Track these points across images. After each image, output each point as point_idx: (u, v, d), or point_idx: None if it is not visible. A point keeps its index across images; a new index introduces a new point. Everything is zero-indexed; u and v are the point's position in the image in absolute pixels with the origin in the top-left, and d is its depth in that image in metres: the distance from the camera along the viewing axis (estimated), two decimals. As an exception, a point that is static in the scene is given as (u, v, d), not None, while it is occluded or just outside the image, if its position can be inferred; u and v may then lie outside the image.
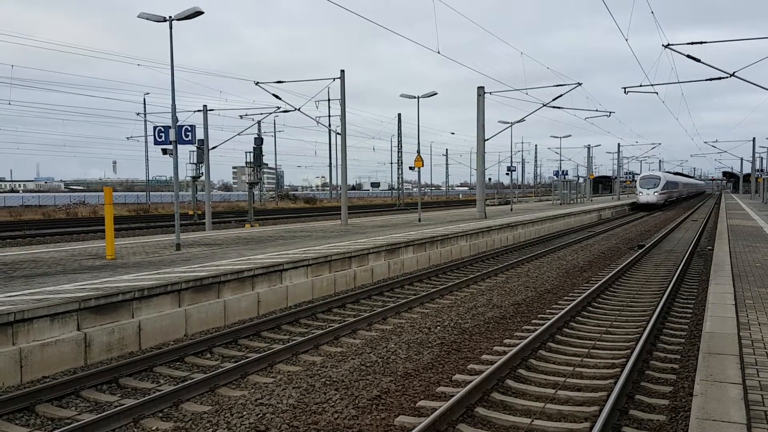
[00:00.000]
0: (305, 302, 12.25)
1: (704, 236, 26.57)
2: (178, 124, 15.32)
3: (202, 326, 10.00)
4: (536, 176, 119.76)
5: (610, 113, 35.30)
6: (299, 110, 26.31)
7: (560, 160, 64.95)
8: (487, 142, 28.79)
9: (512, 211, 37.35)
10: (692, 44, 19.16)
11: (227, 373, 7.47)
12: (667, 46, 19.38)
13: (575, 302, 11.27)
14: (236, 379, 7.49)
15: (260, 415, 6.37)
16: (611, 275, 14.61)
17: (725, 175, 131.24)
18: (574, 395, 6.90)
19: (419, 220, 27.11)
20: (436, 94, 28.91)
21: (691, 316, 10.83)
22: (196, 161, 43.82)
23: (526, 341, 8.55)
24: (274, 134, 78.61)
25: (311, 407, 6.59)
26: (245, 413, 6.40)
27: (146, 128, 55.93)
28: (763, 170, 69.47)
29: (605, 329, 9.98)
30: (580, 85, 27.07)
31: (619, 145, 72.38)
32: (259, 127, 55.69)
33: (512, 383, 7.29)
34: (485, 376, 7.04)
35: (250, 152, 34.61)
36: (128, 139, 57.72)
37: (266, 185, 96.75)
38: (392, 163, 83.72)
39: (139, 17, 15.03)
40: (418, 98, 28.45)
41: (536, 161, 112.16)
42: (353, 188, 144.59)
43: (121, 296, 8.82)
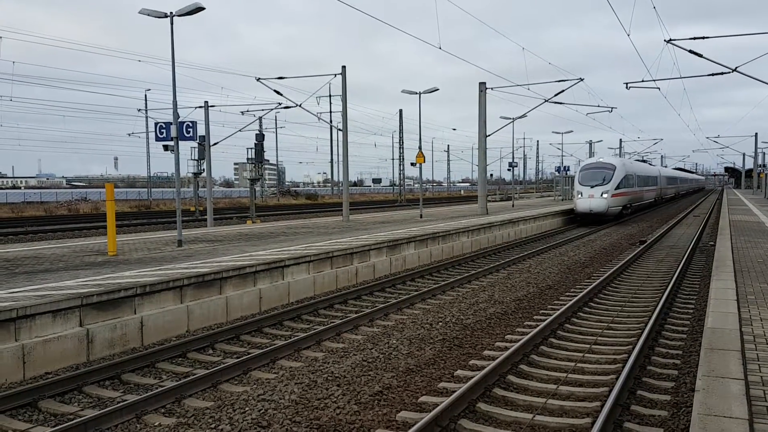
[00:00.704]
0: (307, 298, 12.26)
1: (706, 232, 26.54)
2: (179, 120, 15.32)
3: (204, 322, 10.02)
4: (538, 172, 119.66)
5: (611, 109, 35.24)
6: (300, 106, 26.31)
7: (562, 155, 64.90)
8: (488, 138, 28.77)
9: (513, 207, 37.33)
10: (694, 39, 19.10)
11: (229, 369, 7.48)
12: (669, 41, 19.33)
13: (577, 298, 11.27)
14: (238, 375, 7.50)
15: (262, 410, 6.38)
16: (613, 271, 14.61)
17: (727, 170, 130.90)
18: (576, 390, 6.91)
19: (420, 216, 27.10)
20: (437, 90, 28.86)
21: (693, 311, 10.82)
22: (197, 157, 43.79)
23: (527, 337, 8.56)
24: (275, 130, 78.56)
25: (313, 403, 6.60)
26: (247, 409, 6.41)
27: (147, 124, 56.00)
28: (765, 166, 69.04)
29: (607, 325, 9.97)
30: (581, 80, 27.02)
31: (620, 140, 72.13)
32: (260, 123, 55.59)
33: (514, 379, 7.30)
34: (487, 371, 7.05)
35: (251, 148, 34.61)
36: (130, 135, 57.84)
37: (268, 181, 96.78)
38: (394, 159, 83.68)
39: (140, 13, 15.01)
40: (419, 94, 28.41)
41: (538, 157, 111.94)
42: (355, 184, 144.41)
43: (123, 292, 8.83)
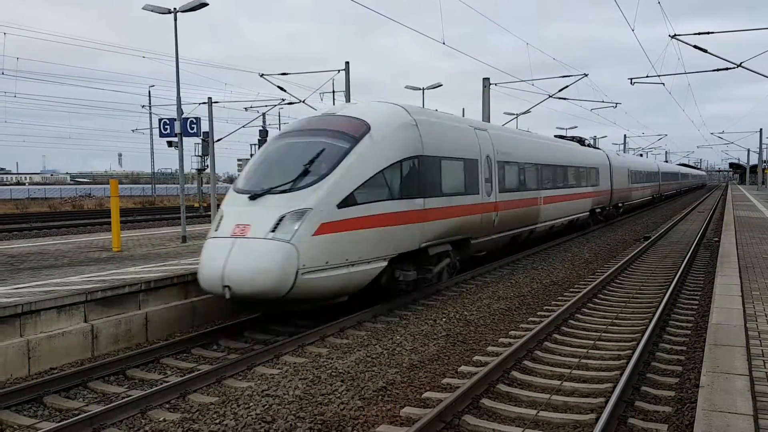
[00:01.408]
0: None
1: (710, 228, 26.47)
2: (183, 116, 15.33)
3: (208, 318, 10.04)
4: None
5: (616, 104, 35.13)
6: (304, 102, 26.28)
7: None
8: (492, 133, 28.70)
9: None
10: (699, 35, 19.04)
11: (234, 364, 7.50)
12: (673, 36, 19.27)
13: (581, 294, 11.26)
14: (243, 370, 7.52)
15: (267, 406, 6.39)
16: (617, 267, 14.59)
17: (732, 166, 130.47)
18: (579, 387, 6.90)
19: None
20: (441, 85, 28.85)
21: (697, 307, 10.80)
22: (201, 153, 43.85)
23: (531, 333, 8.56)
24: (279, 126, 78.51)
25: (317, 398, 6.61)
26: (252, 404, 6.43)
27: (151, 120, 56.00)
28: (770, 161, 68.67)
29: (611, 321, 9.97)
30: (586, 76, 26.93)
31: (625, 136, 71.98)
32: (264, 119, 55.42)
33: (518, 375, 7.30)
34: (491, 367, 7.05)
35: (255, 144, 34.71)
36: (134, 131, 58.02)
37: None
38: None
39: (144, 9, 15.01)
40: (423, 90, 28.39)
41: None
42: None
43: (128, 288, 8.85)
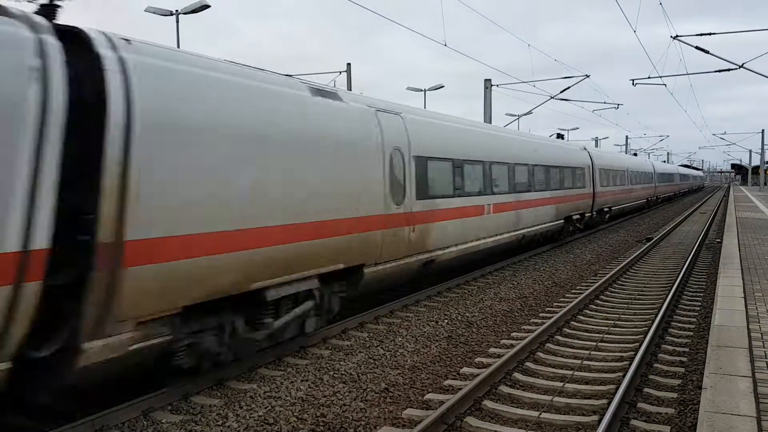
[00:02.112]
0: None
1: (713, 229, 26.44)
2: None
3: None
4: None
5: (618, 105, 35.14)
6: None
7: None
8: (494, 135, 28.70)
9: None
10: (701, 35, 19.05)
11: (236, 366, 7.49)
12: (675, 37, 19.27)
13: (583, 295, 11.25)
14: (245, 372, 7.52)
15: (269, 407, 6.40)
16: (619, 268, 14.57)
17: (734, 167, 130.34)
18: (582, 388, 6.90)
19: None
20: (443, 87, 28.86)
21: (699, 309, 10.79)
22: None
23: (534, 334, 8.55)
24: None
25: (319, 400, 6.61)
26: (254, 406, 6.43)
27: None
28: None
29: (613, 322, 9.96)
30: (587, 77, 26.94)
31: (627, 137, 71.94)
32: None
33: (520, 376, 7.29)
34: (493, 369, 7.05)
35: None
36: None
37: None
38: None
39: (146, 11, 15.04)
40: (425, 91, 28.40)
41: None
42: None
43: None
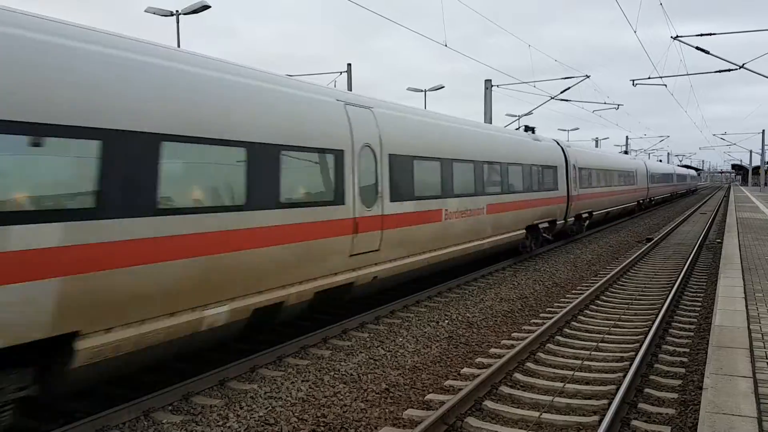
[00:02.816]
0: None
1: (713, 229, 26.44)
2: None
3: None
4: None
5: (618, 106, 35.13)
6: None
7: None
8: (494, 135, 28.71)
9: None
10: (701, 36, 19.04)
11: (237, 366, 7.50)
12: (675, 37, 19.27)
13: (583, 296, 11.25)
14: (246, 372, 7.52)
15: (270, 408, 6.40)
16: (619, 269, 14.57)
17: (734, 167, 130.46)
18: (582, 388, 6.90)
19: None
20: (443, 87, 28.86)
21: (700, 309, 10.79)
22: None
23: (534, 335, 8.55)
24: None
25: (320, 400, 6.61)
26: (255, 406, 6.44)
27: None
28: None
29: (614, 323, 9.96)
30: (588, 77, 26.95)
31: (627, 137, 71.92)
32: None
33: (520, 377, 7.29)
34: (494, 369, 7.05)
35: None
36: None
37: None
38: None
39: (146, 11, 15.05)
40: (425, 92, 28.41)
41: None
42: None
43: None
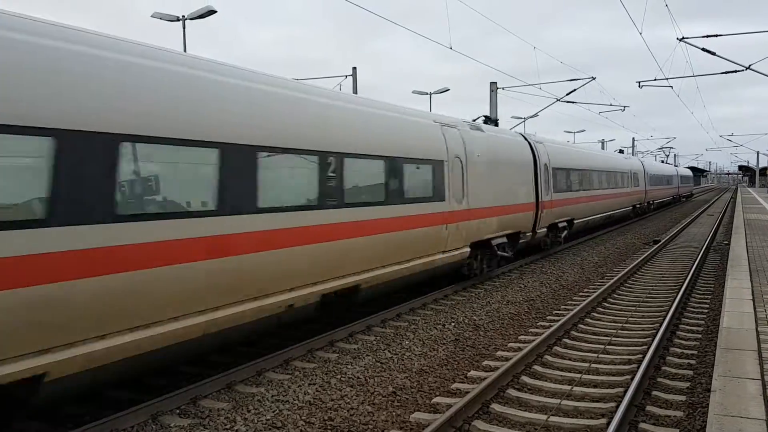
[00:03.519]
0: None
1: (720, 231, 26.33)
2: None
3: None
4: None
5: (624, 107, 35.06)
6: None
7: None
8: (499, 137, 28.70)
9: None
10: (707, 37, 19.00)
11: (244, 369, 7.51)
12: (681, 39, 19.23)
13: (590, 298, 11.22)
14: (253, 375, 7.53)
15: (277, 411, 6.41)
16: (626, 271, 14.53)
17: (741, 168, 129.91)
18: (590, 391, 6.88)
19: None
20: (448, 90, 28.87)
21: (707, 311, 10.74)
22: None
23: (541, 337, 8.54)
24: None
25: (327, 404, 6.62)
26: (262, 410, 6.45)
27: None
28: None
29: (621, 325, 9.93)
30: (593, 79, 26.91)
31: (633, 139, 71.72)
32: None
33: (528, 379, 7.28)
34: (501, 372, 7.04)
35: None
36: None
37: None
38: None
39: (152, 17, 15.14)
40: (430, 95, 28.43)
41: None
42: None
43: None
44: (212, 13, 15.36)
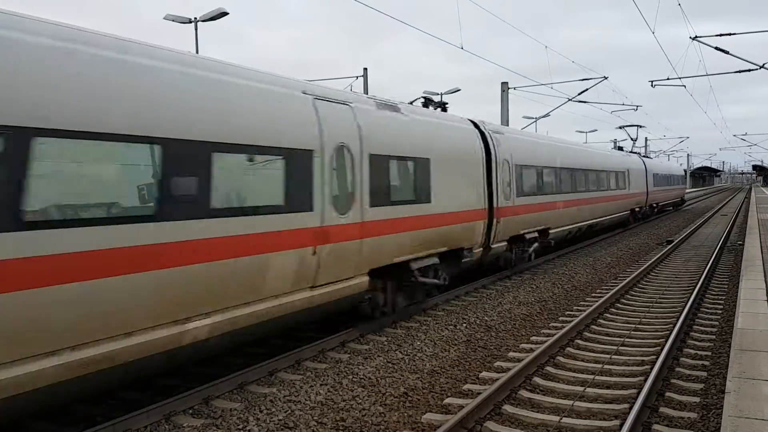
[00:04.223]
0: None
1: (734, 231, 26.10)
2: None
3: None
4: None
5: (637, 107, 34.83)
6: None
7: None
8: (511, 138, 28.59)
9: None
10: (720, 36, 18.85)
11: (256, 370, 7.54)
12: (694, 38, 19.09)
13: (603, 299, 11.16)
14: (265, 376, 7.56)
15: (289, 411, 6.43)
16: (639, 271, 14.44)
17: (755, 168, 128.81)
18: (603, 393, 6.85)
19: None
20: (459, 90, 28.82)
21: (721, 312, 10.65)
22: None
23: (553, 338, 8.50)
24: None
25: (339, 404, 6.63)
26: (274, 410, 6.47)
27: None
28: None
29: (634, 326, 9.87)
30: (605, 78, 26.77)
31: (646, 139, 71.26)
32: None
33: (540, 381, 7.26)
34: (513, 373, 7.02)
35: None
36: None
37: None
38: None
39: (165, 19, 15.24)
40: (441, 95, 28.40)
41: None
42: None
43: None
44: (224, 15, 15.44)
